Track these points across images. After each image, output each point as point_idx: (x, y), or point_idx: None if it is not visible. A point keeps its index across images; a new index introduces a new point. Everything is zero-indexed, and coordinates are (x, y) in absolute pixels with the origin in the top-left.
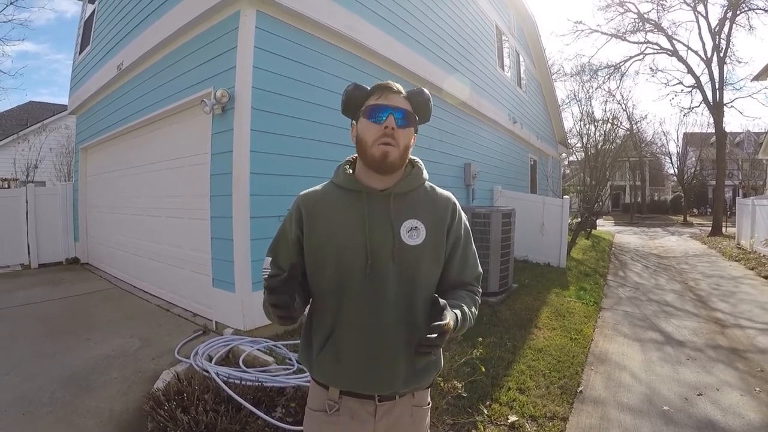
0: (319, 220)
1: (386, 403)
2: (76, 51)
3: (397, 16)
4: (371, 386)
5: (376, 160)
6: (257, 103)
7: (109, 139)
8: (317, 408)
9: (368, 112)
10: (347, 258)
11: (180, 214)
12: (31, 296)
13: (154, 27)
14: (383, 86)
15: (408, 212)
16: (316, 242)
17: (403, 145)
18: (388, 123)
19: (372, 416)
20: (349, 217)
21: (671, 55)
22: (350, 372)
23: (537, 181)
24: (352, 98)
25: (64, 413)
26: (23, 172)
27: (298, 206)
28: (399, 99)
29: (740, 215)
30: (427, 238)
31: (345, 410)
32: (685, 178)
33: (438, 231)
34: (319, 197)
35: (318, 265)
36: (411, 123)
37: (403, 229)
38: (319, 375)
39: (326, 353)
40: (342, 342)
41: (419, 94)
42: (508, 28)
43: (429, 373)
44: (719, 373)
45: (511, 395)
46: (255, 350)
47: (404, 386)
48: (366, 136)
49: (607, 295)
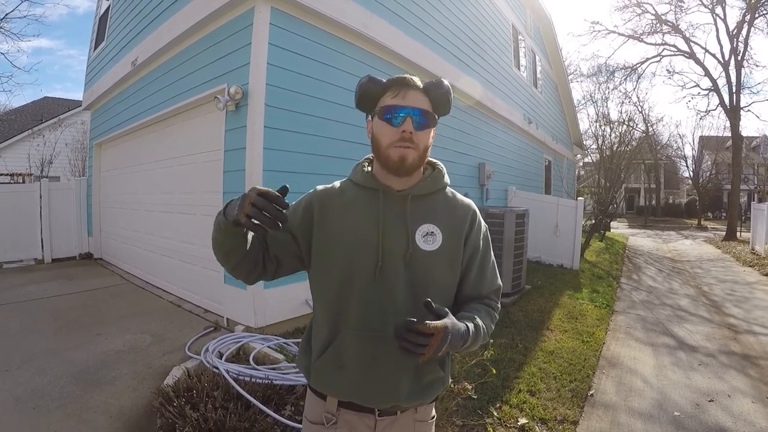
0: (332, 215)
1: (387, 418)
2: (90, 47)
3: (411, 13)
4: (372, 398)
5: (394, 163)
6: (271, 99)
7: (122, 135)
8: (314, 420)
9: (384, 112)
10: (357, 257)
11: (192, 210)
12: (44, 291)
13: (169, 23)
14: (400, 81)
15: (425, 216)
16: (326, 238)
17: (423, 147)
18: (405, 127)
19: (371, 430)
20: (364, 215)
21: (688, 57)
22: (350, 381)
23: (551, 182)
24: (367, 92)
25: (74, 408)
26: (38, 167)
27: (311, 199)
28: (417, 96)
29: (755, 220)
30: (443, 245)
31: (343, 423)
32: (700, 181)
33: (455, 239)
34: (334, 193)
35: (325, 262)
36: (431, 123)
37: (419, 233)
38: (317, 383)
39: (326, 359)
40: (344, 348)
41: (438, 86)
42: (524, 27)
43: (435, 388)
44: (731, 380)
45: (521, 398)
46: (266, 348)
47: (407, 401)
48: (382, 137)
49: (620, 298)
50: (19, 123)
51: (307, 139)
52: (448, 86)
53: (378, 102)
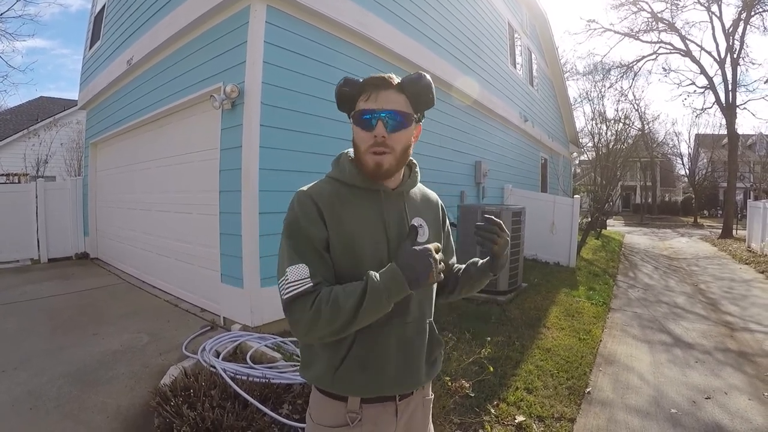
0: (341, 218)
1: (404, 400)
2: (86, 46)
3: (408, 12)
4: (398, 387)
5: (370, 169)
6: (267, 98)
7: (118, 134)
8: (335, 423)
9: (357, 117)
10: (368, 256)
11: (189, 209)
12: (41, 291)
13: (165, 22)
14: (372, 83)
15: (414, 211)
16: (337, 243)
17: (401, 149)
18: (377, 132)
19: (394, 416)
20: (369, 215)
21: (684, 55)
22: (379, 378)
23: (548, 180)
24: (342, 96)
25: (71, 408)
26: (33, 167)
27: (314, 203)
28: (390, 97)
29: (751, 218)
30: (430, 236)
31: (367, 419)
32: (696, 179)
33: (436, 227)
34: (330, 193)
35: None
36: (406, 122)
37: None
38: (340, 388)
39: (349, 364)
40: (366, 348)
41: (415, 80)
42: (520, 25)
43: (438, 363)
44: (727, 377)
45: (518, 395)
46: (263, 346)
47: (426, 380)
48: (359, 142)
49: (616, 296)
50: (14, 123)
51: (304, 137)
52: (428, 79)
53: (355, 104)
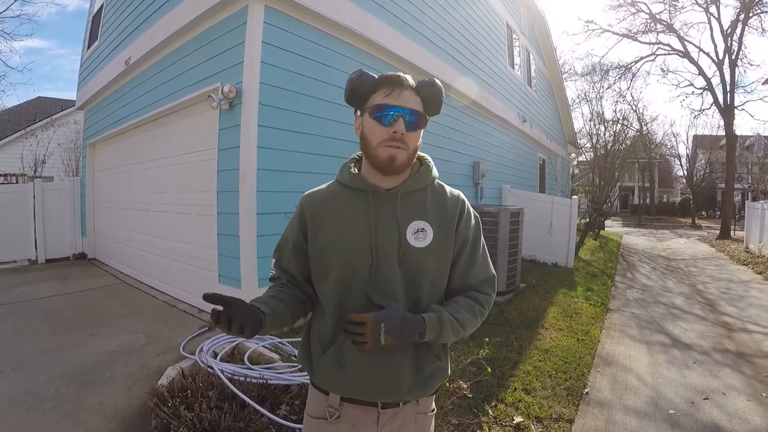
0: (323, 221)
1: (389, 411)
2: (84, 46)
3: (406, 12)
4: (375, 394)
5: (382, 162)
6: (265, 98)
7: (116, 134)
8: (317, 415)
9: (375, 110)
10: (352, 260)
11: (187, 210)
12: (38, 291)
13: (163, 22)
14: (393, 80)
15: (415, 213)
16: (321, 244)
17: (413, 148)
18: (397, 127)
19: (375, 423)
20: (354, 217)
21: (682, 56)
22: (353, 379)
23: (546, 180)
24: (358, 88)
25: (69, 409)
26: (31, 167)
27: (302, 208)
28: (409, 96)
29: (749, 219)
30: (434, 240)
31: (346, 417)
32: (694, 180)
33: (446, 232)
34: (323, 197)
35: (323, 267)
36: (421, 123)
37: (410, 231)
38: (320, 380)
39: (328, 358)
40: (345, 347)
41: (431, 85)
42: (518, 26)
43: (435, 380)
44: (726, 378)
45: (516, 396)
46: (260, 347)
47: (409, 393)
48: (372, 136)
49: (614, 297)
50: (12, 123)
51: (302, 137)
52: (440, 86)
53: (368, 99)
